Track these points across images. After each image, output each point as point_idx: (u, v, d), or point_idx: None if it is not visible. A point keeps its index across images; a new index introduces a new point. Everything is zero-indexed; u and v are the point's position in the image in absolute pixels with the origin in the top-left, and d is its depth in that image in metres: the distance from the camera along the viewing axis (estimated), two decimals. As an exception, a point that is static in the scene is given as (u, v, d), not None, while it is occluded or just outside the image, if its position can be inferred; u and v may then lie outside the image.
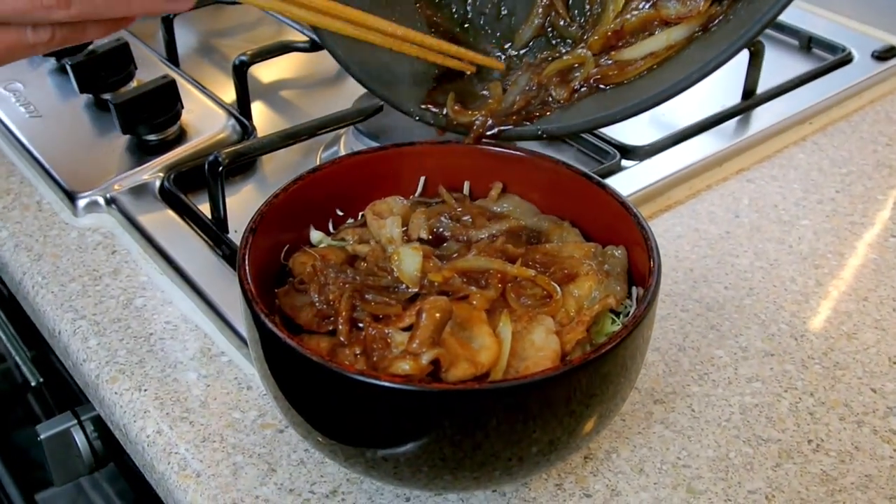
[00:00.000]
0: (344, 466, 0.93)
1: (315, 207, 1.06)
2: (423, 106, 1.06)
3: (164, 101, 1.42)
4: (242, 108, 1.50)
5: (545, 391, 0.81)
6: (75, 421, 1.40)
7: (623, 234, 1.00)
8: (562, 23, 1.08)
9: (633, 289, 0.98)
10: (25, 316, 1.31)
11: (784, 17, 1.85)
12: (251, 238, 0.95)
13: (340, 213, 1.09)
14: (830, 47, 1.77)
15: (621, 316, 0.95)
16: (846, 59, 1.73)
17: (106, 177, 1.38)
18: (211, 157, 1.25)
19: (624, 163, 1.45)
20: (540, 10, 1.08)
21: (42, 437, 1.40)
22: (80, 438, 1.38)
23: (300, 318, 0.92)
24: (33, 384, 1.62)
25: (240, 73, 1.50)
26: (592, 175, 1.04)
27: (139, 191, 1.37)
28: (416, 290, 0.91)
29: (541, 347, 0.87)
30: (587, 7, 1.06)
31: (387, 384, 0.78)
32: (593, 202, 1.03)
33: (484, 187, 1.10)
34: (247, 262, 0.91)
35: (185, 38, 1.78)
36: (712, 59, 0.93)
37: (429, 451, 0.84)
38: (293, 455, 1.02)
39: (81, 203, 1.36)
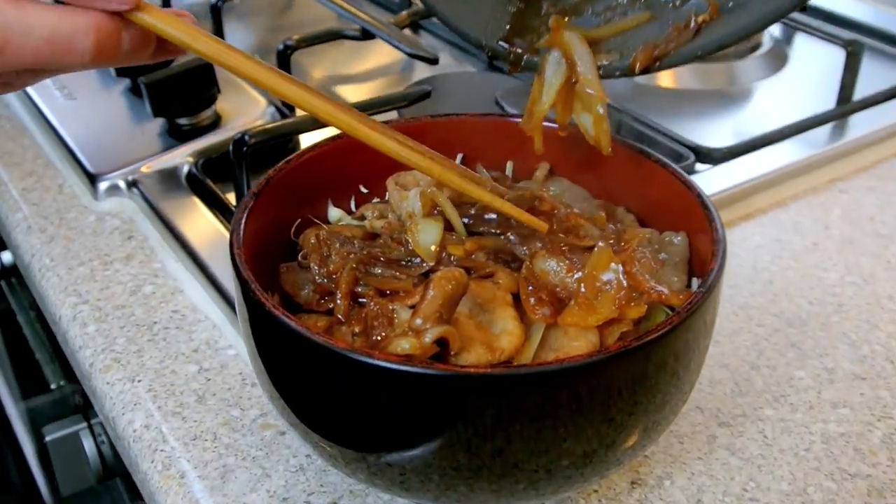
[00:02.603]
0: (346, 474, 0.79)
1: (334, 182, 0.94)
2: (500, 42, 0.92)
3: (199, 83, 1.33)
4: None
5: (575, 383, 0.66)
6: (85, 424, 1.29)
7: (684, 218, 0.85)
8: None
9: (694, 281, 0.83)
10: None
11: (884, 23, 1.69)
12: (252, 203, 0.82)
13: (365, 191, 0.96)
14: (937, 55, 1.59)
15: (679, 312, 0.79)
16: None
17: (131, 161, 1.28)
18: (237, 136, 1.14)
19: (698, 166, 1.30)
20: None
21: (47, 439, 1.29)
22: (88, 444, 1.27)
23: (300, 297, 0.79)
24: (52, 386, 1.52)
25: (283, 59, 1.41)
26: (650, 151, 0.89)
27: (165, 176, 1.27)
28: (433, 264, 0.77)
29: (576, 337, 0.72)
30: None
31: (379, 363, 0.64)
32: (651, 183, 0.89)
33: (530, 168, 0.96)
34: (242, 225, 0.79)
35: (235, 29, 1.70)
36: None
37: (440, 456, 0.70)
38: (292, 460, 0.88)
39: (102, 186, 1.26)
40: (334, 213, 0.94)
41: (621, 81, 1.55)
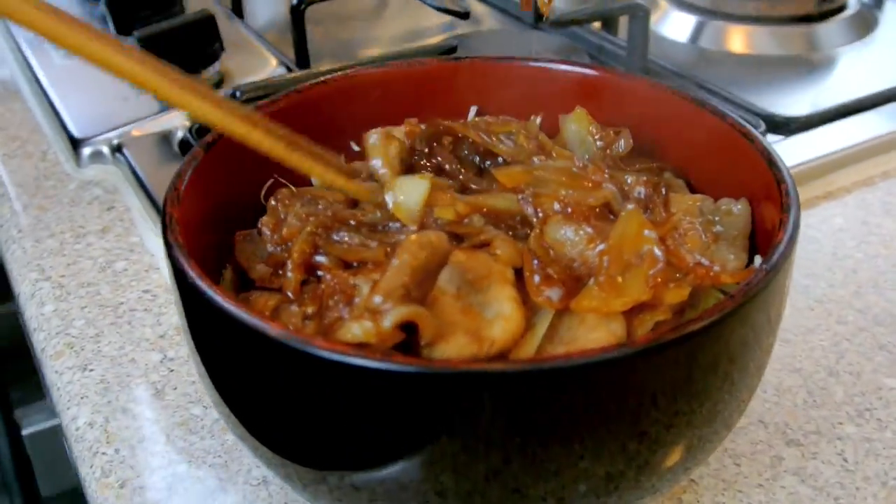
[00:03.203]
0: (307, 499, 0.63)
1: (320, 136, 0.77)
2: None
3: (200, 38, 1.18)
4: (300, 55, 1.24)
5: (591, 385, 0.49)
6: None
7: (745, 181, 0.67)
8: None
9: (756, 259, 0.64)
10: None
11: None
12: (204, 155, 0.67)
13: (357, 149, 0.79)
14: None
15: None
16: None
17: (119, 124, 1.13)
18: (228, 93, 0.99)
19: (771, 137, 1.11)
20: None
21: (25, 433, 1.16)
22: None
23: (254, 271, 0.63)
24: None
25: (297, 16, 1.25)
26: (704, 99, 0.71)
27: (155, 142, 1.13)
28: (415, 228, 0.60)
29: (594, 328, 0.55)
30: None
31: (319, 353, 0.48)
32: (705, 137, 0.71)
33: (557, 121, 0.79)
34: (184, 180, 0.64)
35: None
36: None
37: (419, 478, 0.54)
38: (255, 471, 0.72)
39: (86, 152, 1.12)
40: (318, 173, 0.78)
41: (686, 46, 1.38)
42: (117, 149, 1.11)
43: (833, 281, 0.92)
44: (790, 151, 1.08)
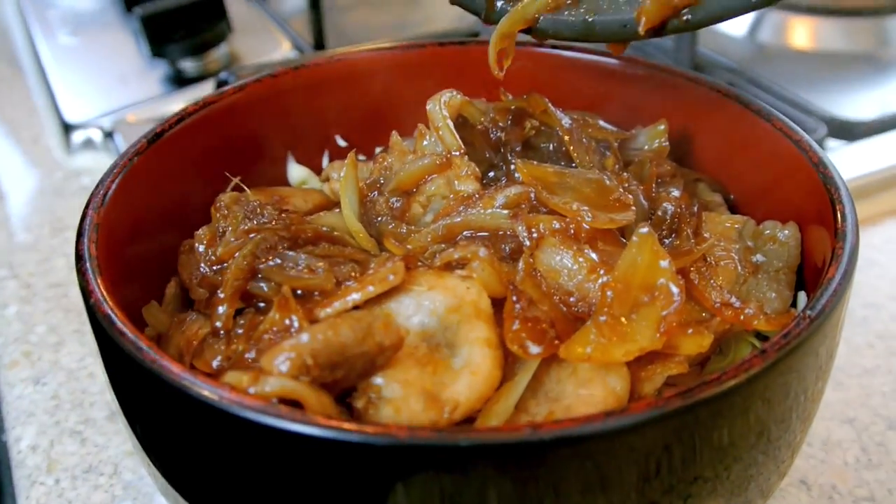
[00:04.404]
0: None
1: (298, 129, 0.68)
2: None
3: (205, 16, 1.09)
4: (316, 37, 1.14)
5: (564, 462, 0.38)
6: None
7: (796, 199, 0.55)
8: None
9: (800, 297, 0.53)
10: None
11: None
12: (148, 147, 0.57)
13: (343, 144, 0.69)
14: None
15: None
16: None
17: (114, 110, 1.05)
18: (222, 76, 0.89)
19: (832, 143, 0.98)
20: None
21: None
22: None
23: (194, 291, 0.53)
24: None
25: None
26: (750, 98, 0.59)
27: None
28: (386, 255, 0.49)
29: (587, 381, 0.44)
30: None
31: (209, 399, 0.38)
32: (749, 144, 0.59)
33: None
34: (118, 176, 0.54)
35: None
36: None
37: None
38: (207, 515, 0.62)
39: (76, 138, 1.04)
40: (297, 171, 0.68)
41: (741, 40, 1.25)
42: (109, 135, 1.03)
43: (897, 313, 0.79)
44: (853, 159, 0.95)
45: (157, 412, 0.43)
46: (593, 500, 0.42)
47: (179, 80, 1.11)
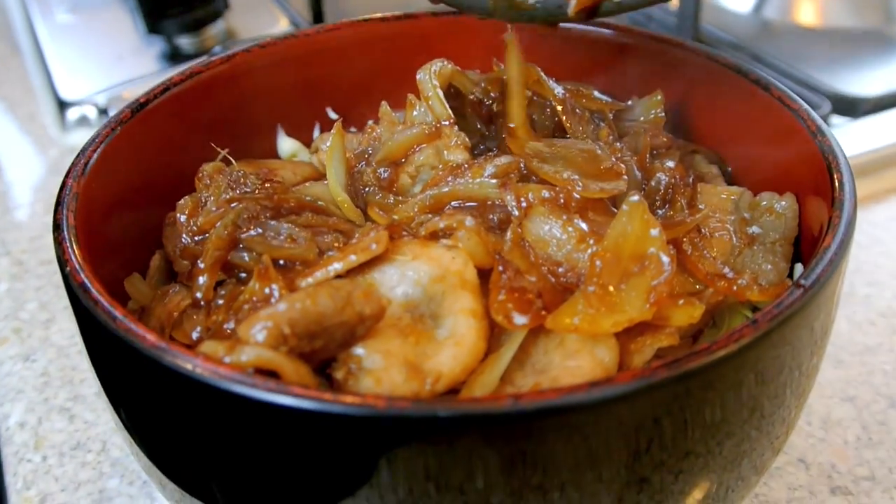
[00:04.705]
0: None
1: (288, 101, 0.66)
2: None
3: (201, -6, 1.07)
4: (314, 12, 1.13)
5: (547, 435, 0.37)
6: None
7: (794, 170, 0.54)
8: None
9: (798, 268, 0.51)
10: None
11: None
12: (132, 117, 0.56)
13: (335, 116, 0.68)
14: None
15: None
16: None
17: (109, 87, 1.03)
18: (215, 50, 0.88)
19: (836, 119, 0.96)
20: None
21: None
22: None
23: (178, 263, 0.52)
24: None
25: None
26: (749, 67, 0.58)
27: (147, 105, 1.02)
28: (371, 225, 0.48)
29: (574, 353, 0.42)
30: None
31: (175, 366, 0.37)
32: (746, 114, 0.57)
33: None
34: (100, 145, 0.53)
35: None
36: None
37: None
38: (196, 492, 0.62)
39: (71, 115, 1.03)
40: (287, 144, 0.67)
41: (746, 16, 1.23)
42: (104, 112, 1.02)
43: (901, 291, 0.78)
44: (858, 136, 0.94)
45: (133, 383, 0.42)
46: (582, 476, 0.41)
47: (176, 57, 1.10)
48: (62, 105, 1.05)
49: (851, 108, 0.97)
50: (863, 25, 1.19)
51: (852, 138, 0.93)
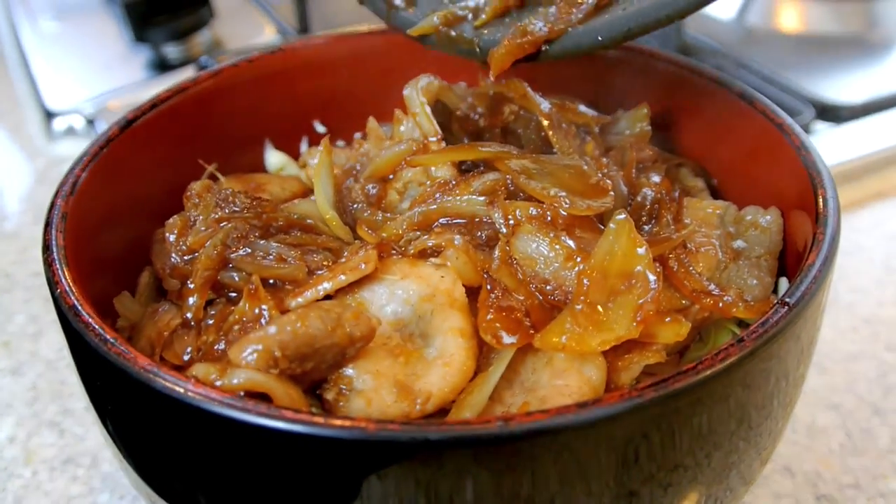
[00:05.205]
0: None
1: (275, 115, 0.67)
2: None
3: (188, 1, 1.07)
4: (301, 21, 1.13)
5: (536, 455, 0.38)
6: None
7: (779, 183, 0.55)
8: None
9: (782, 283, 0.52)
10: None
11: None
12: (120, 134, 0.56)
13: (322, 130, 0.68)
14: None
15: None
16: None
17: (96, 95, 1.03)
18: (202, 60, 0.88)
19: (819, 125, 0.97)
20: None
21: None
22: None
23: (168, 282, 0.52)
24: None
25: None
26: (732, 80, 0.58)
27: (134, 115, 1.02)
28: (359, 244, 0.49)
29: (563, 371, 0.43)
30: None
31: (174, 392, 0.37)
32: (730, 127, 0.58)
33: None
34: (89, 163, 0.53)
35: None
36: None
37: None
38: (186, 506, 0.62)
39: (58, 126, 1.03)
40: (275, 158, 0.67)
41: (729, 23, 1.24)
42: (91, 122, 1.02)
43: (883, 298, 0.79)
44: (840, 142, 0.95)
45: (125, 405, 0.42)
46: (571, 491, 0.41)
47: (162, 66, 1.09)
48: (48, 115, 1.05)
49: (834, 114, 0.98)
50: (845, 31, 1.21)
51: (835, 144, 0.94)
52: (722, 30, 1.23)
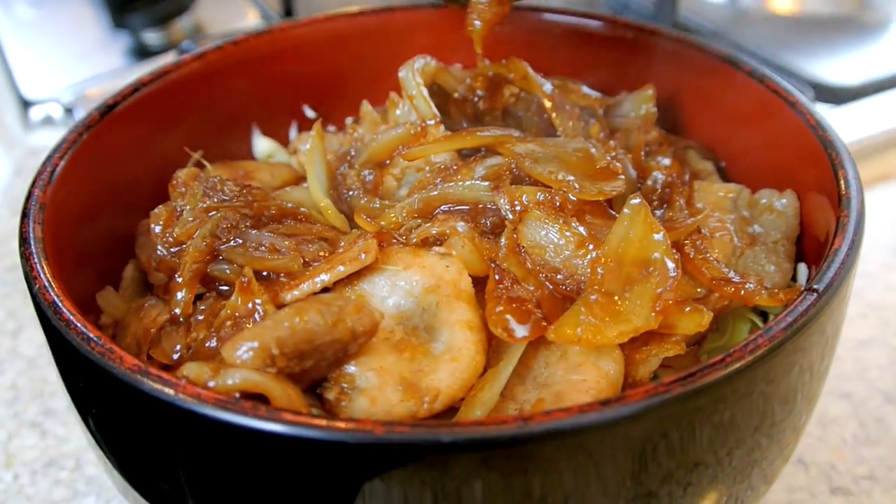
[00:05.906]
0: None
1: (263, 100, 0.64)
2: None
3: (167, -13, 1.04)
4: (285, 5, 1.10)
5: (553, 456, 0.35)
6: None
7: (793, 165, 0.52)
8: None
9: (801, 268, 0.50)
10: None
11: None
12: (101, 119, 0.53)
13: (312, 114, 0.65)
14: None
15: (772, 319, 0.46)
16: None
17: (74, 83, 1.00)
18: (183, 45, 0.85)
19: (818, 107, 0.94)
20: None
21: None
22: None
23: (153, 276, 0.50)
24: None
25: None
26: (741, 59, 0.56)
27: (113, 103, 0.99)
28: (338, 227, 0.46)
29: (578, 365, 0.40)
30: None
31: (162, 395, 0.34)
32: (740, 108, 0.56)
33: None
34: (67, 150, 0.50)
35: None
36: None
37: None
38: (176, 509, 0.59)
39: (35, 115, 0.99)
40: (263, 144, 0.64)
41: (723, 5, 1.21)
42: (69, 111, 0.98)
43: (891, 282, 0.77)
44: (840, 124, 0.92)
45: (110, 408, 0.40)
46: (586, 490, 0.39)
47: (143, 52, 1.06)
48: (25, 104, 1.01)
49: (832, 95, 0.96)
50: (838, 12, 1.18)
51: (836, 127, 0.92)
52: (715, 11, 1.21)
